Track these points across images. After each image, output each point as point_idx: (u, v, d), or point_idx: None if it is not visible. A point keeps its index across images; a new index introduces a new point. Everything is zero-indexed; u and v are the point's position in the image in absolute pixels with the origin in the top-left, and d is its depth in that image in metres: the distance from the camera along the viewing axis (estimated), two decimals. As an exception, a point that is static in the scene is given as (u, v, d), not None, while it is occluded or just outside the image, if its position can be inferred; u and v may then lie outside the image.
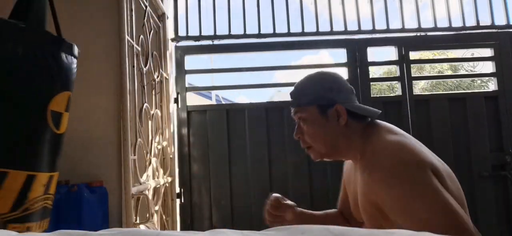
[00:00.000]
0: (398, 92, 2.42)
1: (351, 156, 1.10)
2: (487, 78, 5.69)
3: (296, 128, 1.13)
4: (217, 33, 2.37)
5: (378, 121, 1.13)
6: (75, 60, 1.03)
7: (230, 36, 2.37)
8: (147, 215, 1.54)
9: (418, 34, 2.46)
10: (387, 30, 2.44)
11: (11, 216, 0.86)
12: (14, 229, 0.86)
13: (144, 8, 1.76)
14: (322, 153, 1.10)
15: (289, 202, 1.25)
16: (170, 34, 2.31)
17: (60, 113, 0.97)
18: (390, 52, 2.47)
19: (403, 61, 2.40)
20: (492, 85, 3.23)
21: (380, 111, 1.13)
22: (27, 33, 0.91)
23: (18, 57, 0.88)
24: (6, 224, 0.85)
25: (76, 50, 1.04)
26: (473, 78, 6.90)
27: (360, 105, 1.11)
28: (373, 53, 2.65)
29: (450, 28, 2.46)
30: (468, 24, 2.46)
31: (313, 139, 1.09)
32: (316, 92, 1.08)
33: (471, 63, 6.27)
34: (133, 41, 1.50)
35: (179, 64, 2.34)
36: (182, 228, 2.21)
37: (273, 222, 1.23)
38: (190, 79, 2.42)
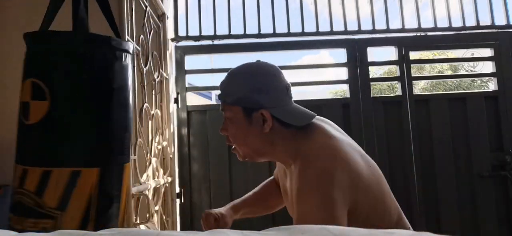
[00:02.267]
0: (398, 92, 2.42)
1: (280, 160, 1.04)
2: (487, 78, 5.69)
3: (223, 124, 1.05)
4: (217, 33, 2.37)
5: (317, 123, 1.02)
6: (129, 56, 1.09)
7: (230, 36, 2.37)
8: (147, 215, 1.54)
9: (418, 34, 2.46)
10: (387, 30, 2.45)
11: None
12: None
13: (144, 8, 1.76)
14: (245, 154, 1.04)
15: (215, 210, 1.22)
16: (170, 34, 2.31)
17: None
18: (390, 52, 2.47)
19: (403, 61, 2.40)
20: (492, 85, 3.23)
21: (315, 115, 1.02)
22: (84, 38, 1.01)
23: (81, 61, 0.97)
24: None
25: (128, 45, 1.08)
26: (473, 78, 6.90)
27: (289, 110, 1.00)
28: (373, 53, 2.65)
29: (450, 28, 2.46)
30: (468, 24, 2.46)
31: (235, 140, 1.03)
32: (242, 91, 0.98)
33: (471, 63, 6.28)
34: (133, 41, 1.50)
35: (179, 64, 2.34)
36: (182, 228, 2.21)
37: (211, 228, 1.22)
38: (190, 79, 2.42)
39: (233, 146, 1.06)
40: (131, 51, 1.09)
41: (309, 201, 0.84)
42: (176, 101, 2.29)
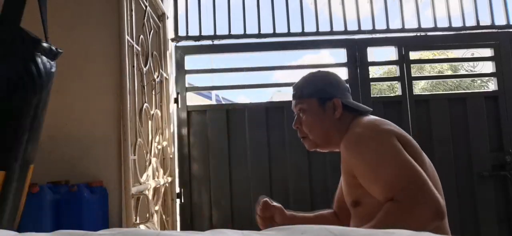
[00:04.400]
0: (398, 92, 2.42)
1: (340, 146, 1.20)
2: (487, 78, 5.69)
3: (295, 119, 1.25)
4: (217, 33, 2.36)
5: (370, 115, 1.22)
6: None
7: (230, 36, 2.37)
8: (147, 215, 1.54)
9: (418, 34, 2.46)
10: (387, 30, 2.44)
11: None
12: None
13: (144, 8, 1.76)
14: (317, 143, 1.23)
15: (276, 204, 1.31)
16: (170, 34, 2.31)
17: None
18: (390, 52, 2.47)
19: (403, 61, 2.40)
20: (492, 85, 3.23)
21: (372, 110, 1.25)
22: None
23: None
24: None
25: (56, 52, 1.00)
26: (473, 78, 6.90)
27: (354, 102, 1.25)
28: (373, 53, 2.65)
29: (450, 28, 2.46)
30: (468, 24, 2.46)
31: (310, 128, 1.21)
32: (317, 85, 1.22)
33: (471, 63, 6.27)
34: (133, 41, 1.50)
35: (179, 64, 2.34)
36: (182, 228, 2.20)
37: (263, 225, 1.32)
38: (190, 79, 2.42)
39: (303, 136, 1.25)
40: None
41: (373, 156, 1.03)
42: (176, 101, 2.29)
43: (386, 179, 0.97)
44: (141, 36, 1.66)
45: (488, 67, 2.53)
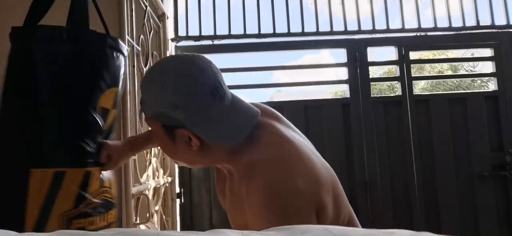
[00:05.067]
0: (398, 92, 2.42)
1: (221, 166, 0.90)
2: (487, 78, 5.69)
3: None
4: (217, 33, 2.36)
5: (263, 121, 0.84)
6: (121, 56, 1.04)
7: (230, 36, 2.37)
8: (147, 215, 1.54)
9: (418, 34, 2.46)
10: (387, 30, 2.44)
11: (74, 213, 0.89)
12: (78, 224, 0.89)
13: (144, 8, 1.76)
14: (181, 164, 0.91)
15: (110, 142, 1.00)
16: (170, 34, 2.31)
17: (108, 109, 0.98)
18: (390, 52, 2.47)
19: (403, 61, 2.40)
20: (492, 85, 3.23)
21: (255, 117, 0.79)
22: (73, 34, 0.93)
23: (68, 58, 0.92)
24: (71, 221, 0.88)
25: (122, 46, 1.04)
26: (473, 78, 6.90)
27: (216, 125, 0.76)
28: (373, 53, 2.65)
29: (450, 28, 2.46)
30: (468, 24, 2.46)
31: (168, 154, 0.90)
32: (157, 105, 0.78)
33: (471, 63, 6.28)
34: (133, 41, 1.50)
35: (179, 64, 2.33)
36: (182, 228, 2.21)
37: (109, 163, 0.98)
38: (190, 79, 2.41)
39: None
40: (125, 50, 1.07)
41: (267, 221, 0.69)
42: (176, 101, 2.28)
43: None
44: (141, 36, 1.66)
45: (488, 67, 2.53)
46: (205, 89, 0.75)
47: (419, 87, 7.72)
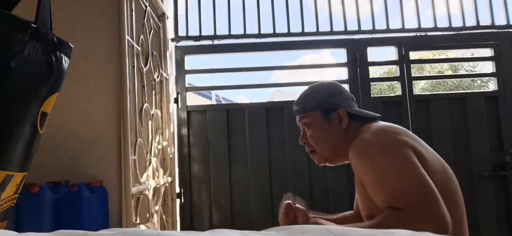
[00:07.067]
0: (398, 92, 2.42)
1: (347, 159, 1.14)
2: (487, 78, 5.69)
3: (301, 135, 1.23)
4: (217, 33, 2.36)
5: (379, 122, 1.16)
6: (68, 60, 1.00)
7: (230, 36, 2.37)
8: (147, 215, 1.54)
9: (418, 34, 2.46)
10: (387, 30, 2.44)
11: None
12: None
13: (144, 8, 1.76)
14: (326, 156, 1.18)
15: (299, 206, 1.16)
16: (170, 34, 2.31)
17: (47, 114, 0.94)
18: (390, 52, 2.47)
19: (403, 61, 2.40)
20: (492, 85, 3.23)
21: (380, 115, 1.19)
22: (35, 32, 0.86)
23: (22, 56, 0.84)
24: None
25: (69, 49, 1.01)
26: (473, 78, 6.90)
27: (360, 110, 1.19)
28: (373, 53, 2.65)
29: (450, 28, 2.46)
30: (468, 24, 2.46)
31: (316, 142, 1.17)
32: (319, 97, 1.18)
33: (471, 63, 6.27)
34: (133, 41, 1.50)
35: (179, 64, 2.34)
36: (182, 228, 2.21)
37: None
38: (190, 79, 2.42)
39: (311, 151, 1.21)
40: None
41: (382, 163, 0.96)
42: (176, 101, 2.29)
43: (392, 188, 0.90)
44: (141, 36, 1.66)
45: (488, 67, 2.52)
46: (349, 95, 1.22)
47: (419, 87, 7.71)
